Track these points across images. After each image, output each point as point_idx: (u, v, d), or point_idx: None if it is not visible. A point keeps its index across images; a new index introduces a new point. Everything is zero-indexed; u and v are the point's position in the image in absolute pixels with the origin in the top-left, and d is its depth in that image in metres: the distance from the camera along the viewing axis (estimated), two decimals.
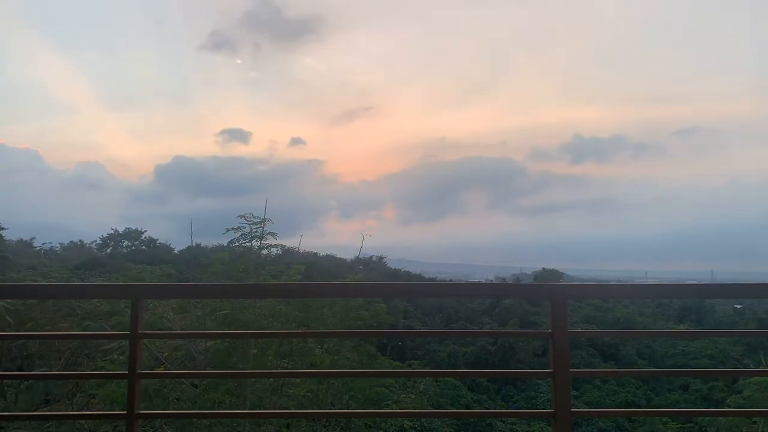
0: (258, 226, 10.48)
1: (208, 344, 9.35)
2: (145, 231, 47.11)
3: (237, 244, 10.74)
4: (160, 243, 46.83)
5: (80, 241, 48.31)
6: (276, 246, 11.35)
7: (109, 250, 46.13)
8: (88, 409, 9.63)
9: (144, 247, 46.65)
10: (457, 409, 26.61)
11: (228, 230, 10.68)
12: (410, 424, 14.29)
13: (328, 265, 43.46)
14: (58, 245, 44.79)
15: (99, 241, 46.81)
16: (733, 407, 14.99)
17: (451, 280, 50.51)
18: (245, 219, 10.54)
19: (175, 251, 42.72)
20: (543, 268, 56.71)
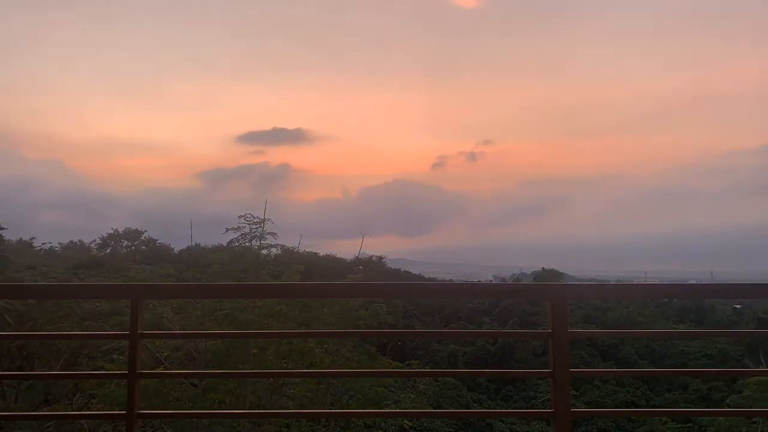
0: (257, 226, 10.50)
1: (208, 344, 9.35)
2: (146, 231, 47.19)
3: (237, 244, 10.76)
4: (160, 243, 46.85)
5: (80, 241, 48.31)
6: (275, 246, 11.37)
7: (109, 250, 46.12)
8: (88, 409, 9.63)
9: (144, 247, 46.64)
10: (457, 409, 26.62)
11: (228, 230, 10.70)
12: (410, 424, 14.29)
13: (328, 265, 43.42)
14: (58, 245, 44.79)
15: (99, 241, 46.86)
16: (733, 407, 14.99)
17: (451, 280, 50.52)
18: (245, 219, 10.55)
19: (175, 251, 42.71)
20: (543, 268, 56.67)
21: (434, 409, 18.73)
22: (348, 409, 10.28)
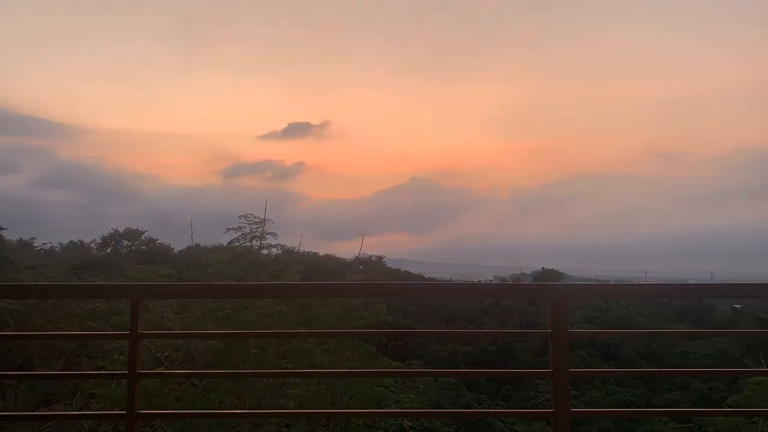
0: (258, 226, 10.50)
1: (208, 344, 9.35)
2: (146, 231, 47.15)
3: (237, 244, 10.75)
4: (160, 243, 46.78)
5: (80, 241, 48.24)
6: (276, 246, 11.37)
7: (109, 250, 46.06)
8: (88, 409, 9.63)
9: (144, 247, 46.59)
10: (457, 409, 26.60)
11: (228, 230, 10.70)
12: (410, 424, 14.28)
13: (328, 265, 43.38)
14: (58, 245, 44.75)
15: (99, 241, 46.81)
16: (733, 407, 14.98)
17: (451, 280, 50.48)
18: (245, 219, 10.56)
19: (175, 251, 42.66)
20: (543, 268, 56.67)
21: (434, 409, 18.71)
22: (348, 409, 10.27)
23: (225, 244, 11.13)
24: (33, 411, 10.34)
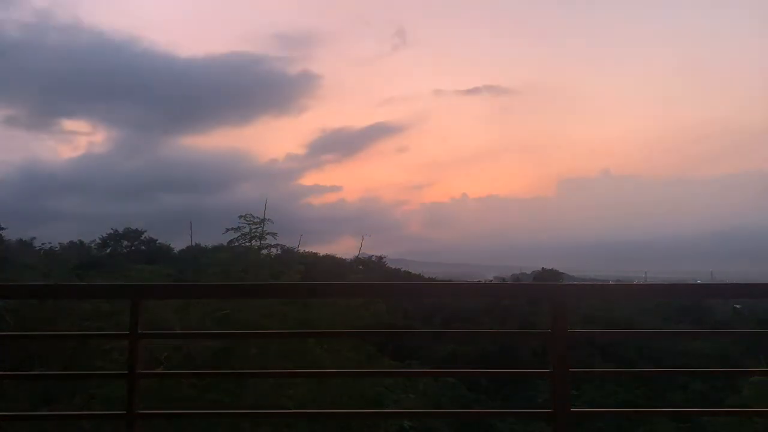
0: (258, 226, 10.53)
1: (207, 344, 9.35)
2: (145, 231, 47.23)
3: (237, 244, 10.78)
4: (159, 243, 46.89)
5: (80, 241, 48.32)
6: (275, 246, 11.39)
7: (108, 250, 46.15)
8: (88, 409, 9.62)
9: (144, 247, 46.69)
10: (457, 409, 26.58)
11: (228, 230, 10.73)
12: (410, 424, 14.27)
13: (328, 265, 43.38)
14: (58, 245, 44.78)
15: (99, 241, 46.89)
16: (733, 407, 14.97)
17: (450, 280, 50.45)
18: (245, 219, 10.59)
19: (175, 251, 42.76)
20: (543, 268, 56.71)
21: (434, 409, 18.69)
22: (348, 409, 10.27)
23: (225, 244, 11.16)
24: (32, 411, 10.35)
